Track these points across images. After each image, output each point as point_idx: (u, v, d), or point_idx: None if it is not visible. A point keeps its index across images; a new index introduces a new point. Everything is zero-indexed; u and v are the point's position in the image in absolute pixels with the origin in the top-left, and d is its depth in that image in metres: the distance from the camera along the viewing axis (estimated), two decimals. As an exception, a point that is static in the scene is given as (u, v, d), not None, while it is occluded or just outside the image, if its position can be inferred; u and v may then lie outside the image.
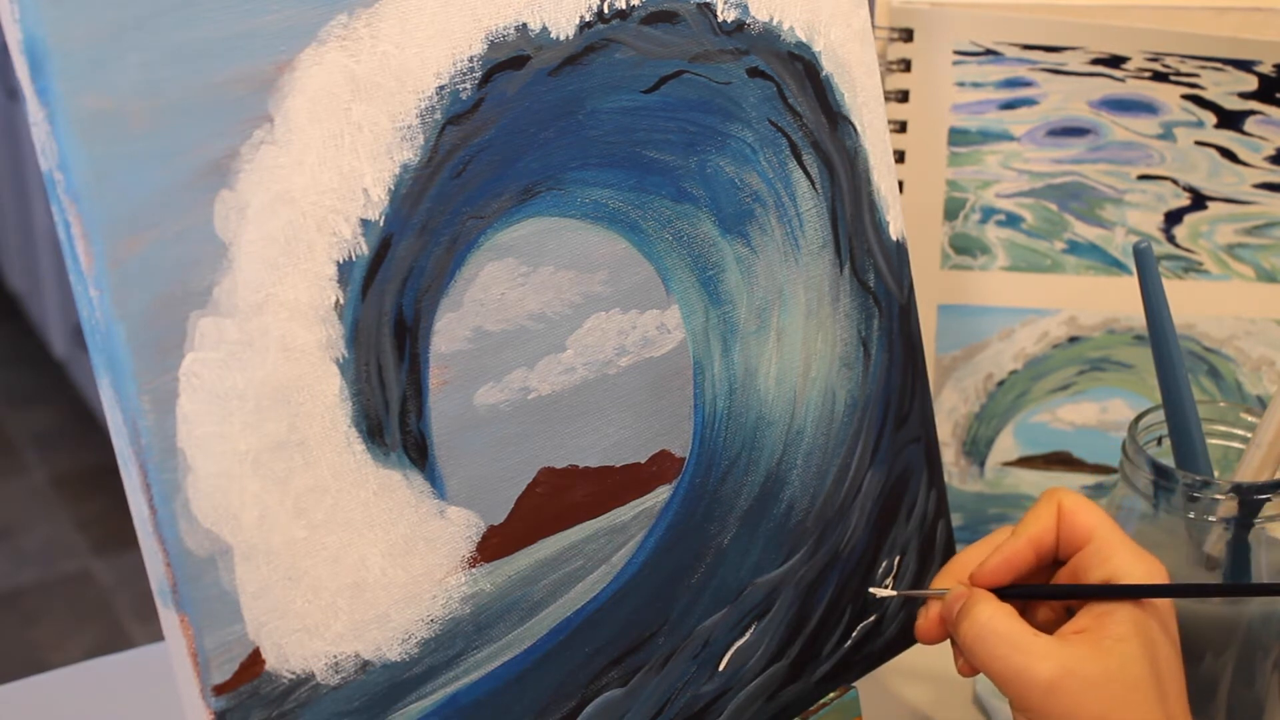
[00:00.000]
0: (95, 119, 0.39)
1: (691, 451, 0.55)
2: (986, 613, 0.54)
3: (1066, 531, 0.57)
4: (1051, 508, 0.58)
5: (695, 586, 0.55)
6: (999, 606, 0.55)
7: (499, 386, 0.49)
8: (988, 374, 0.76)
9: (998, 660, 0.53)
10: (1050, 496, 0.58)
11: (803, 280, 0.58)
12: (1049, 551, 0.58)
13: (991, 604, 0.55)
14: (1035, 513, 0.58)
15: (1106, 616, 0.54)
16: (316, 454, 0.45)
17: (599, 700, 0.53)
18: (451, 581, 0.48)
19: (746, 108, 0.55)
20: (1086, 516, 0.57)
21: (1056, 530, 0.57)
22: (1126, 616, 0.54)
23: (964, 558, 0.59)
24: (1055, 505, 0.58)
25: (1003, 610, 0.54)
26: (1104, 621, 0.54)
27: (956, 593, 0.57)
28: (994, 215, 0.73)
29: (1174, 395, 0.62)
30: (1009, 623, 0.54)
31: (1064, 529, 0.57)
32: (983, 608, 0.55)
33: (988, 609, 0.54)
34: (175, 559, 0.42)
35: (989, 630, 0.54)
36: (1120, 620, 0.54)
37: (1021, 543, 0.57)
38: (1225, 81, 0.70)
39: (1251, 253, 0.73)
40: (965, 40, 0.71)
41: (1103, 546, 0.56)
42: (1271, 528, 0.61)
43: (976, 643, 0.54)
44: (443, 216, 0.47)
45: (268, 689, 0.44)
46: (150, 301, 0.41)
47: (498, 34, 0.48)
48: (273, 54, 0.43)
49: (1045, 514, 0.58)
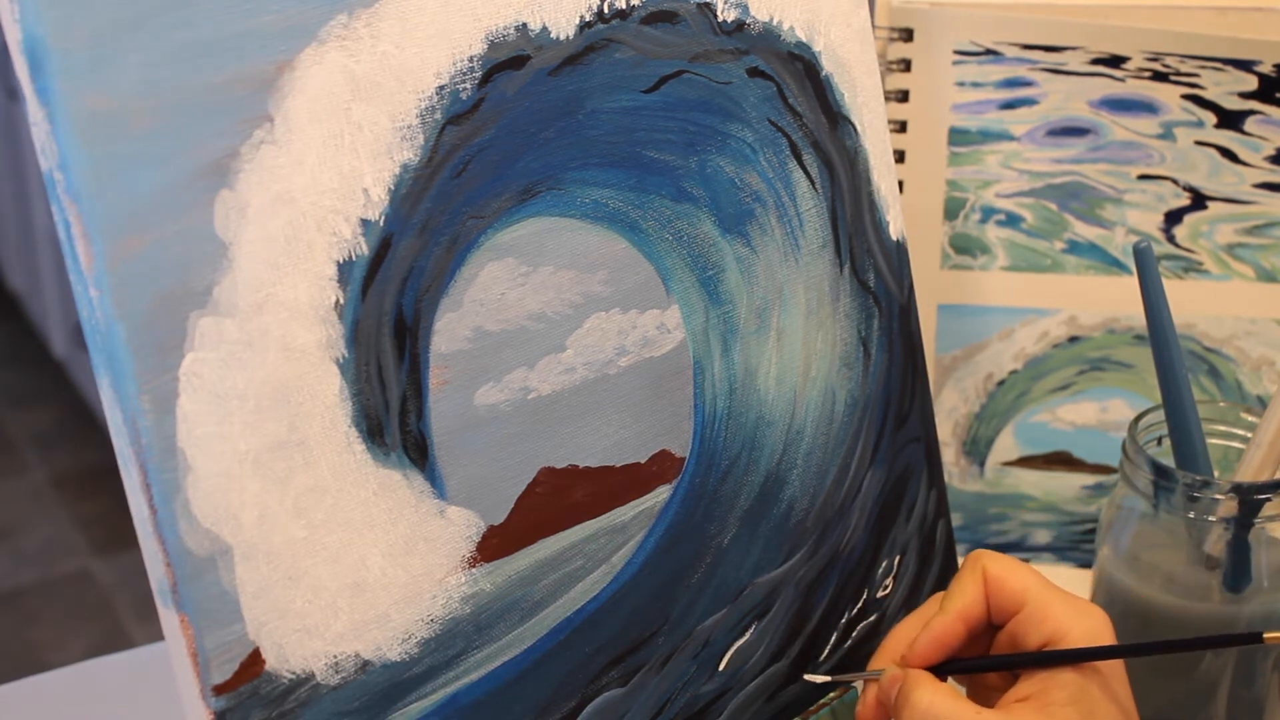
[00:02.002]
0: (95, 119, 0.39)
1: (691, 451, 0.55)
2: (926, 699, 0.52)
3: (996, 598, 0.55)
4: (976, 576, 0.55)
5: (695, 586, 0.55)
6: (937, 688, 0.53)
7: (499, 386, 0.49)
8: (988, 374, 0.76)
9: None
10: (974, 564, 0.55)
11: (803, 280, 0.58)
12: (979, 621, 0.55)
13: (929, 687, 0.53)
14: (960, 584, 0.55)
15: (1049, 680, 0.52)
16: (316, 454, 0.45)
17: (599, 700, 0.53)
18: (451, 581, 0.48)
19: (746, 108, 0.55)
20: (1015, 580, 0.54)
21: (985, 599, 0.55)
22: (1069, 680, 0.52)
23: (899, 632, 0.57)
24: (980, 573, 0.55)
25: (941, 691, 0.53)
26: (1047, 686, 0.52)
27: (891, 675, 0.55)
28: (994, 215, 0.73)
29: (1174, 395, 0.62)
30: (950, 704, 0.52)
31: (993, 596, 0.55)
32: (921, 693, 0.53)
33: (926, 695, 0.52)
34: (175, 559, 0.42)
35: (932, 714, 0.52)
36: (1063, 684, 0.52)
37: (950, 618, 0.55)
38: (1225, 81, 0.70)
39: (1251, 253, 0.73)
40: (965, 40, 0.71)
41: (1038, 608, 0.54)
42: (1271, 528, 0.61)
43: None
44: (443, 216, 0.47)
45: (268, 689, 0.44)
46: (150, 301, 0.41)
47: (498, 34, 0.48)
48: (273, 54, 0.43)
49: (970, 585, 0.55)
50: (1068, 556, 0.78)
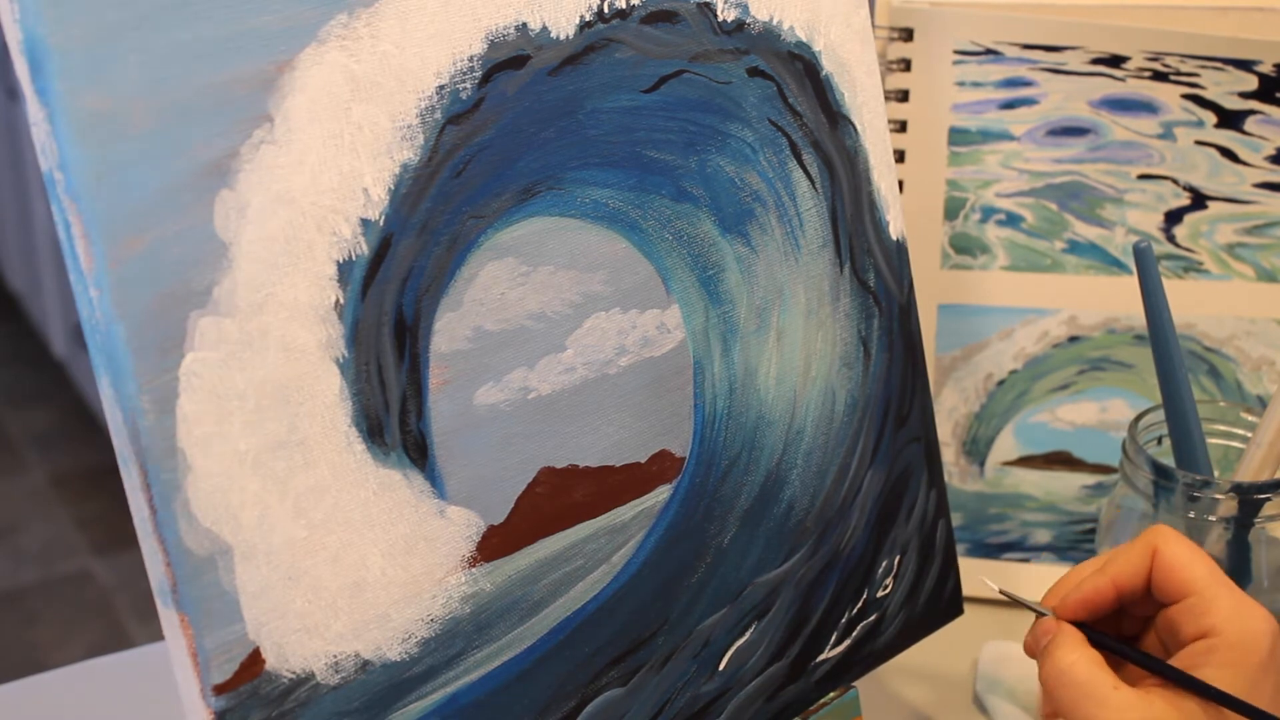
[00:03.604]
0: (95, 119, 0.39)
1: (691, 451, 0.55)
2: (1069, 659, 0.53)
3: (1161, 580, 0.54)
4: (1146, 552, 0.55)
5: (695, 586, 0.55)
6: (1083, 653, 0.53)
7: (499, 386, 0.49)
8: (988, 374, 0.76)
9: (1074, 709, 0.52)
10: (1149, 538, 0.55)
11: (803, 280, 0.58)
12: (1135, 592, 0.55)
13: (1075, 650, 0.53)
14: (1127, 553, 0.55)
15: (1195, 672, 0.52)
16: (316, 454, 0.45)
17: (599, 700, 0.53)
18: (451, 581, 0.48)
19: (746, 107, 0.55)
20: (1185, 570, 0.54)
21: (1147, 575, 0.55)
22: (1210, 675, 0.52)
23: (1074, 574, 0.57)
24: (1150, 551, 0.55)
25: (1085, 657, 0.53)
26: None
27: (1045, 626, 0.56)
28: (994, 215, 0.73)
29: (1174, 395, 0.62)
30: (1090, 671, 0.53)
31: (1159, 578, 0.55)
32: (1065, 653, 0.53)
33: (1070, 655, 0.53)
34: (175, 559, 0.42)
35: (1069, 678, 0.53)
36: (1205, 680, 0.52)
37: (1105, 581, 0.55)
38: (1225, 81, 0.70)
39: (1251, 252, 0.73)
40: (965, 40, 0.71)
41: (1201, 601, 0.53)
42: (1271, 527, 0.61)
43: (1056, 686, 0.53)
44: (443, 216, 0.47)
45: (267, 689, 0.44)
46: (150, 301, 0.41)
47: (498, 33, 0.48)
48: (273, 54, 0.43)
49: (1137, 558, 0.55)
50: (1068, 556, 0.78)
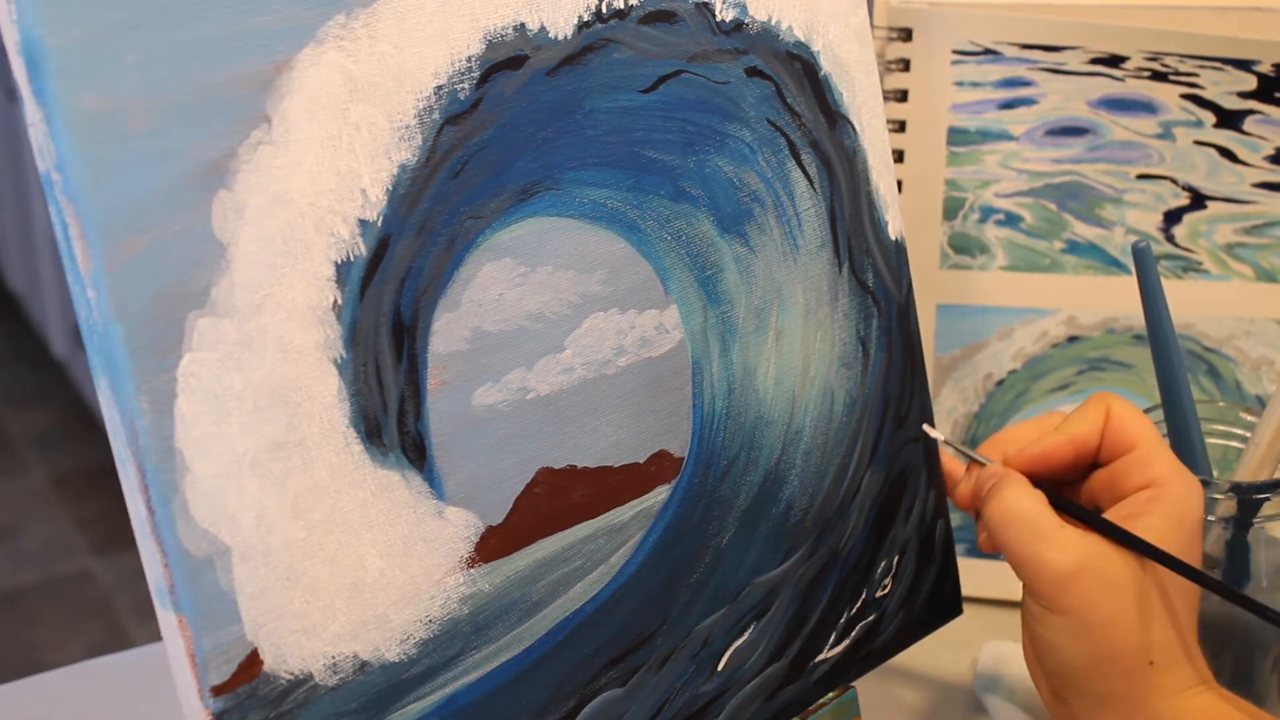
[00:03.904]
0: (93, 119, 0.39)
1: (690, 451, 0.55)
2: (1014, 495, 0.55)
3: (1111, 437, 0.57)
4: (1100, 410, 0.57)
5: (694, 586, 0.55)
6: (1028, 491, 0.55)
7: (497, 387, 0.49)
8: (987, 374, 0.76)
9: (1019, 545, 0.54)
10: (1100, 400, 0.57)
11: (801, 280, 0.58)
12: (1089, 453, 0.57)
13: (1021, 488, 0.55)
14: (1083, 414, 0.57)
15: (1135, 520, 0.54)
16: (314, 454, 0.45)
17: (598, 700, 0.53)
18: (450, 582, 0.48)
19: (745, 107, 0.55)
20: (1134, 424, 0.56)
21: (1101, 433, 0.57)
22: (1154, 524, 0.54)
23: (1012, 432, 0.59)
24: (1104, 409, 0.57)
25: (1031, 496, 0.55)
26: (1131, 525, 0.54)
27: (990, 470, 0.57)
28: (993, 215, 0.73)
29: (1173, 395, 0.62)
30: (1035, 508, 0.54)
31: (1109, 434, 0.57)
32: (1011, 489, 0.55)
33: (1016, 492, 0.55)
34: (173, 560, 0.42)
35: (1014, 514, 0.54)
36: (1148, 527, 0.53)
37: (1063, 440, 0.57)
38: (1225, 81, 0.70)
39: (1251, 252, 0.73)
40: (964, 40, 0.71)
41: (1146, 452, 0.56)
42: (1270, 527, 0.61)
43: (1001, 525, 0.54)
44: (441, 216, 0.47)
45: (266, 690, 0.44)
46: (148, 302, 0.41)
47: (496, 34, 0.48)
48: (271, 54, 0.43)
49: (1093, 416, 0.57)
50: (1067, 556, 0.77)
